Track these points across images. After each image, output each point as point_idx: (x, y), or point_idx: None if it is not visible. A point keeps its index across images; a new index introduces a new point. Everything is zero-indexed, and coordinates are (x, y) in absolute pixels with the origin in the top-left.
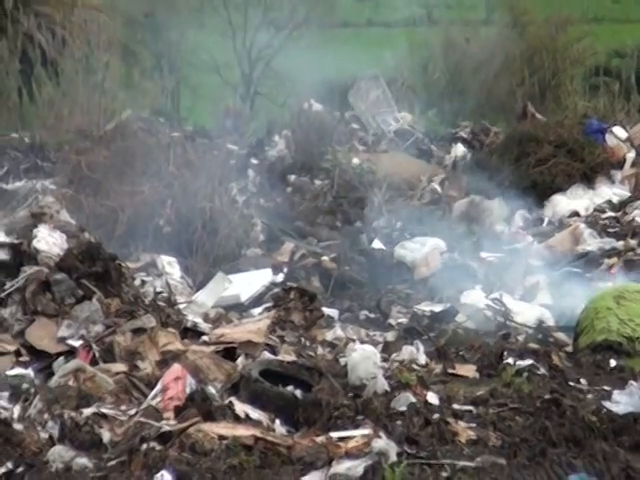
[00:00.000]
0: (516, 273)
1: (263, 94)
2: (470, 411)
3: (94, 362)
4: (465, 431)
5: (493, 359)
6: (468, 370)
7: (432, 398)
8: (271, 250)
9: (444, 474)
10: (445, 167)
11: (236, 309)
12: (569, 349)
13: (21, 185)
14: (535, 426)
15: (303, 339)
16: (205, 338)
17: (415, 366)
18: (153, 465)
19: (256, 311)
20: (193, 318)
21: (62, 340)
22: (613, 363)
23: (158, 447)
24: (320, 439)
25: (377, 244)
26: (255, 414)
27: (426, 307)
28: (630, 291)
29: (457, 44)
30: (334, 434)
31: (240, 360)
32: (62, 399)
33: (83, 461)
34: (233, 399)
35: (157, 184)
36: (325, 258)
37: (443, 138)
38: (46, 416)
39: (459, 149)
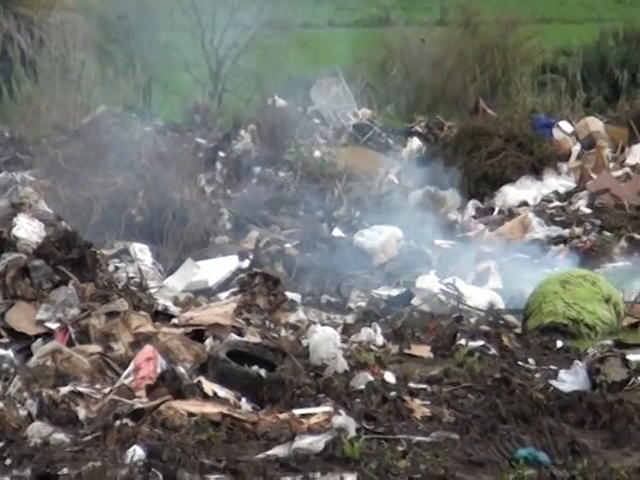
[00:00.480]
0: (468, 259)
1: (230, 91)
2: (425, 389)
3: (70, 343)
4: (420, 408)
5: (447, 340)
6: (423, 351)
7: (389, 377)
8: (237, 238)
9: (400, 448)
10: (401, 159)
11: (204, 293)
12: (518, 331)
13: (1, 177)
14: (486, 403)
15: (267, 322)
16: (175, 321)
17: (373, 347)
18: (126, 440)
19: (223, 295)
20: (164, 302)
21: (40, 323)
22: (559, 344)
23: (131, 423)
24: (283, 416)
25: (337, 232)
26: (222, 392)
27: (383, 291)
28: (575, 276)
29: (413, 43)
30: (297, 411)
31: (208, 341)
32: (40, 378)
33: (60, 436)
34: (202, 378)
35: (130, 176)
36: (288, 245)
37: (400, 132)
38: (25, 394)
39: (415, 142)
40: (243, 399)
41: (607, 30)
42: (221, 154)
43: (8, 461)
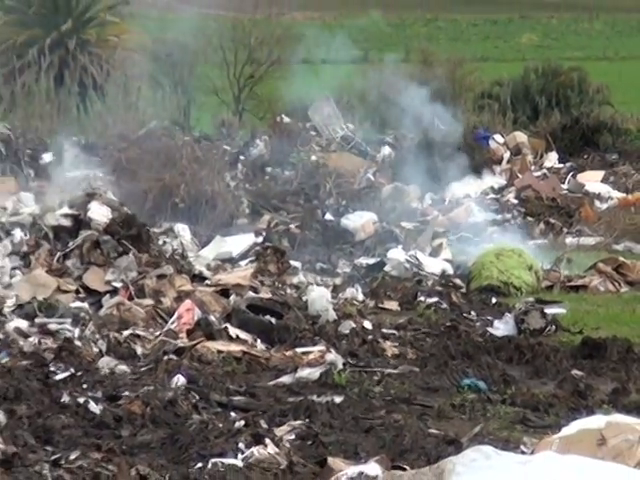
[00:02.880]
0: (426, 237)
1: (248, 110)
2: (394, 334)
3: (131, 298)
4: (390, 348)
5: (410, 297)
6: (392, 305)
7: (367, 324)
8: (254, 220)
9: (375, 378)
10: (376, 162)
11: (229, 262)
12: (463, 290)
13: (79, 173)
14: (440, 344)
15: (276, 283)
16: (208, 282)
17: (355, 302)
18: (172, 370)
19: (243, 263)
20: (199, 268)
21: (108, 282)
22: (494, 300)
23: (175, 358)
24: (289, 353)
25: (328, 216)
26: (243, 335)
27: (363, 261)
28: (506, 250)
29: (385, 76)
30: (299, 349)
31: (232, 297)
32: (108, 324)
33: (123, 367)
34: (227, 325)
35: (174, 173)
36: (292, 226)
37: (375, 142)
38: (97, 336)
39: (386, 149)
40: (258, 340)
41: (530, 67)
42: (242, 157)
43: (85, 385)
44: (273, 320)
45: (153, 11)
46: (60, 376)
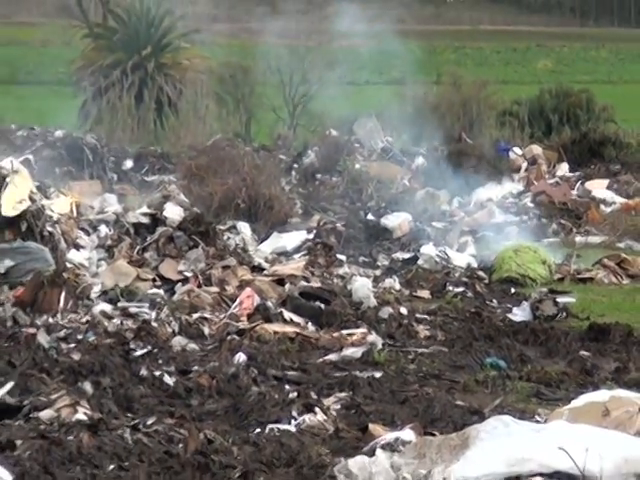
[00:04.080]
0: (454, 235)
1: (302, 125)
2: (426, 318)
3: (199, 286)
4: (423, 331)
5: (440, 287)
6: (425, 293)
7: (403, 310)
8: (306, 219)
9: (410, 357)
10: (411, 170)
11: (284, 255)
12: (486, 281)
13: (155, 178)
14: (465, 328)
15: (325, 273)
16: (266, 272)
17: (393, 291)
18: (234, 349)
19: (297, 256)
20: (258, 260)
21: (180, 272)
22: (513, 290)
23: (237, 338)
24: (335, 335)
25: (370, 216)
26: (296, 319)
27: (400, 255)
28: (523, 246)
29: (419, 95)
30: (344, 332)
31: (287, 286)
32: (180, 308)
33: (193, 346)
34: (283, 309)
35: (237, 179)
36: (338, 224)
37: (410, 152)
38: (171, 318)
39: (420, 159)
40: (309, 323)
41: (544, 89)
42: (295, 166)
43: (160, 361)
44: (322, 306)
45: (220, 38)
46: (139, 353)
